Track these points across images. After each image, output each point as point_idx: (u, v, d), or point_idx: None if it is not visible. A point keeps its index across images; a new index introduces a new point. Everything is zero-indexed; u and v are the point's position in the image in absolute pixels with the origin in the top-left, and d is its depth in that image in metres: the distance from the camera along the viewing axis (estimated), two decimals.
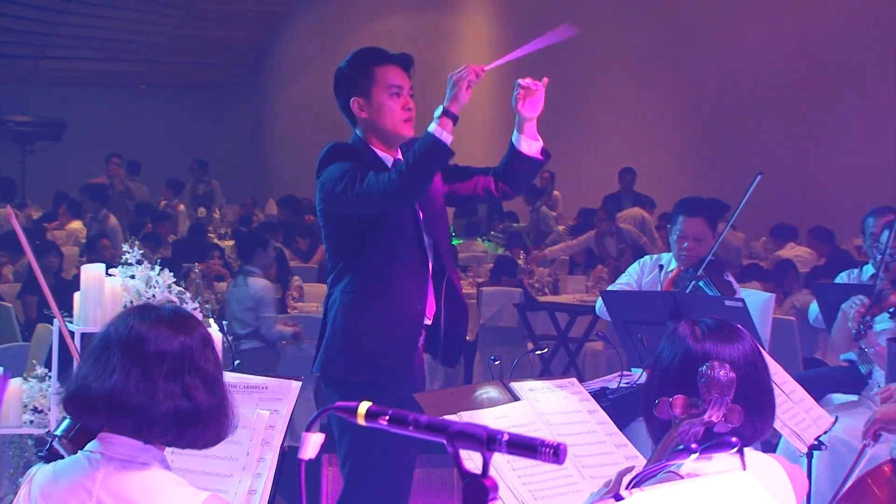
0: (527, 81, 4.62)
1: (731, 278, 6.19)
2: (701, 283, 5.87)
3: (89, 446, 2.68)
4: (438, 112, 4.41)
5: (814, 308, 6.57)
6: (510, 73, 4.81)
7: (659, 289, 6.03)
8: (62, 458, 2.74)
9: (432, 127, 4.38)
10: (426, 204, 4.69)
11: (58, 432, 2.79)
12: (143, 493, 2.62)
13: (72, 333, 4.66)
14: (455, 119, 4.40)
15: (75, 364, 4.15)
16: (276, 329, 8.67)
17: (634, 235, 13.24)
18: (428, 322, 4.65)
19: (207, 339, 2.72)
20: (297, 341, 8.74)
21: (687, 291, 5.85)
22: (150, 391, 2.60)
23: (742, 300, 5.53)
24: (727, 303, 5.52)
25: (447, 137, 4.37)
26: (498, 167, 4.86)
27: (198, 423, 2.63)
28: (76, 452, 2.70)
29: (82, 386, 2.63)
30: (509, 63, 4.77)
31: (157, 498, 2.61)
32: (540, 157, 4.76)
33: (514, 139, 4.73)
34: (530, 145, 4.72)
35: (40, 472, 2.72)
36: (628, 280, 6.30)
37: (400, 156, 4.65)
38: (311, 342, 8.35)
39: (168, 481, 2.65)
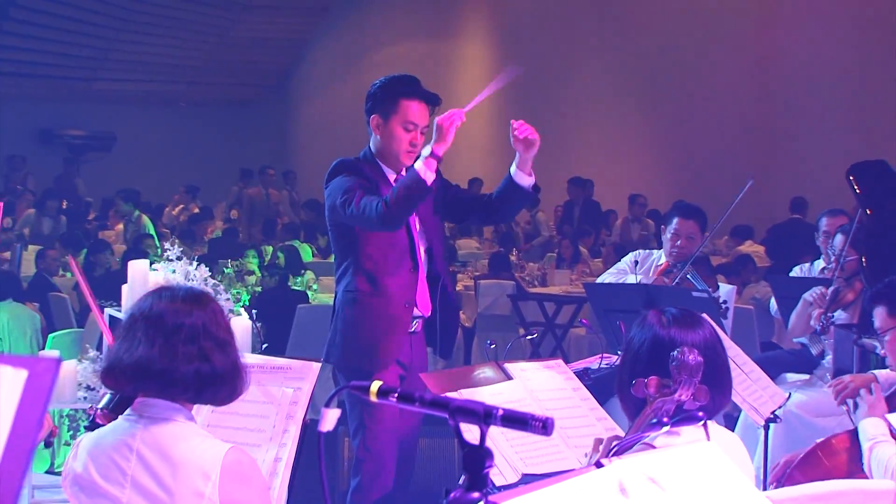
0: (516, 125, 4.57)
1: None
2: (689, 276, 5.86)
3: (126, 412, 2.73)
4: (426, 152, 4.35)
5: (773, 303, 6.60)
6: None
7: (650, 279, 6.03)
8: (100, 426, 2.80)
9: (418, 165, 4.33)
10: (425, 218, 4.69)
11: (100, 406, 2.87)
12: (176, 442, 2.67)
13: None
14: (439, 160, 4.34)
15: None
16: None
17: None
18: (420, 315, 4.66)
19: (218, 311, 2.78)
20: None
21: (677, 281, 5.85)
22: (171, 357, 2.65)
23: (709, 291, 5.52)
24: (694, 294, 5.51)
25: (430, 176, 4.32)
26: (493, 194, 4.83)
27: (215, 381, 2.69)
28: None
29: (115, 359, 2.69)
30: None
31: (187, 445, 2.67)
32: (531, 191, 4.74)
33: (511, 171, 4.72)
34: (524, 179, 4.70)
35: (86, 438, 2.77)
36: (622, 268, 6.28)
37: (404, 173, 4.65)
38: None
39: (196, 432, 2.72)
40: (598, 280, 6.57)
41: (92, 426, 2.83)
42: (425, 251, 4.67)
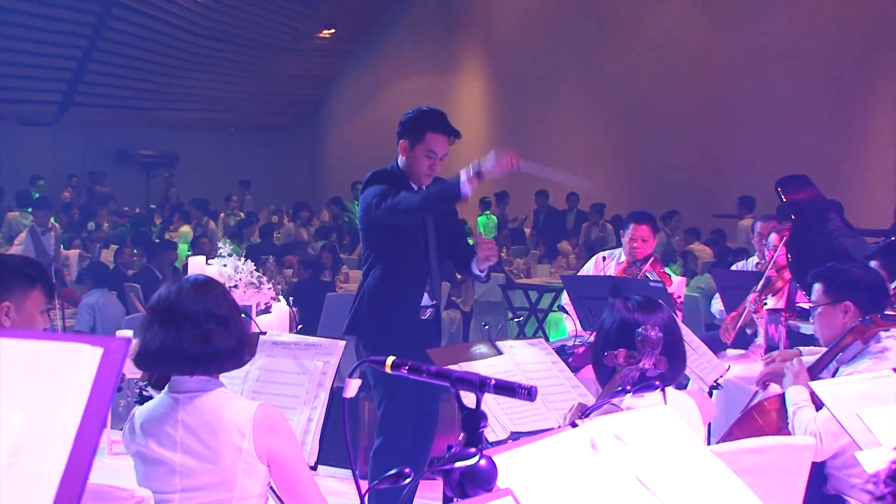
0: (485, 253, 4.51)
1: (665, 269, 6.16)
2: (648, 275, 5.84)
3: (167, 387, 2.69)
4: (472, 169, 4.21)
5: (714, 304, 6.56)
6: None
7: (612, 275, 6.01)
8: (150, 398, 2.76)
9: (463, 177, 4.20)
10: (441, 228, 4.65)
11: (144, 382, 2.83)
12: (212, 409, 2.64)
13: None
14: (481, 180, 4.20)
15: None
16: None
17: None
18: (433, 304, 4.63)
19: (220, 294, 2.70)
20: None
21: (638, 277, 5.82)
22: (181, 342, 2.61)
23: (663, 283, 5.51)
24: (651, 284, 5.50)
25: (467, 190, 4.21)
26: (459, 265, 4.76)
27: (219, 357, 2.64)
28: (159, 393, 2.72)
29: (142, 347, 2.65)
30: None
31: (223, 410, 2.63)
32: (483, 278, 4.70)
33: (472, 266, 4.62)
34: (477, 272, 4.63)
35: (139, 411, 2.74)
36: (586, 271, 6.27)
37: (424, 186, 4.59)
38: None
39: (228, 398, 2.68)
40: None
41: (141, 399, 2.80)
42: (437, 252, 4.63)
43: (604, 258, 6.14)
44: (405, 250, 4.52)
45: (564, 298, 6.10)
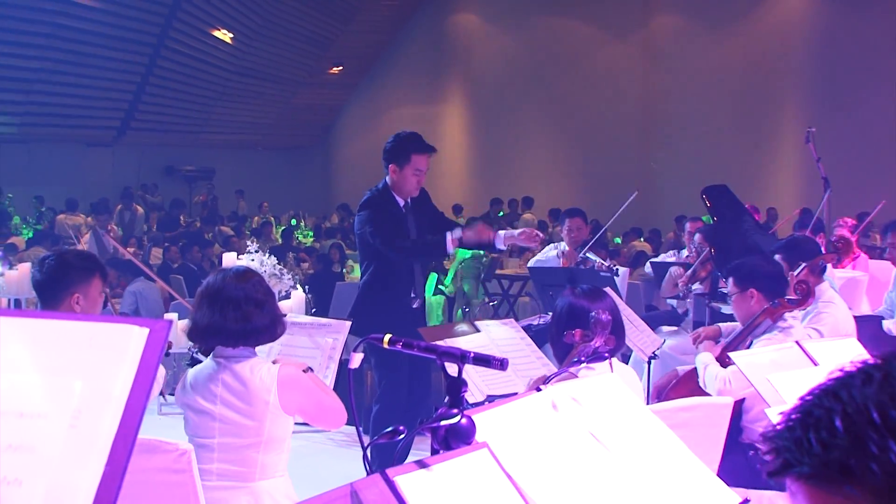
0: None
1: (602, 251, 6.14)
2: (588, 254, 5.85)
3: (213, 353, 2.72)
4: (457, 234, 4.19)
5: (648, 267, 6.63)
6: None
7: (559, 262, 6.02)
8: (200, 362, 2.79)
9: (448, 239, 4.18)
10: (420, 227, 4.59)
11: (195, 349, 2.90)
12: (246, 371, 2.67)
13: None
14: (461, 243, 4.23)
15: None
16: None
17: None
18: (418, 296, 4.58)
19: (257, 281, 2.72)
20: None
21: (581, 256, 5.83)
22: (224, 320, 2.64)
23: (611, 270, 5.51)
24: (601, 273, 5.50)
25: (450, 249, 4.23)
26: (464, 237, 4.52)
27: (255, 333, 2.68)
28: (206, 358, 2.75)
29: (193, 324, 2.70)
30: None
31: (253, 371, 2.67)
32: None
33: (497, 243, 4.42)
34: (502, 245, 4.51)
35: (189, 372, 2.78)
36: (543, 257, 6.27)
37: (409, 200, 4.52)
38: None
39: (259, 363, 2.71)
40: (530, 263, 6.57)
41: (192, 362, 2.82)
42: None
43: (556, 248, 6.19)
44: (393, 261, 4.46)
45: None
